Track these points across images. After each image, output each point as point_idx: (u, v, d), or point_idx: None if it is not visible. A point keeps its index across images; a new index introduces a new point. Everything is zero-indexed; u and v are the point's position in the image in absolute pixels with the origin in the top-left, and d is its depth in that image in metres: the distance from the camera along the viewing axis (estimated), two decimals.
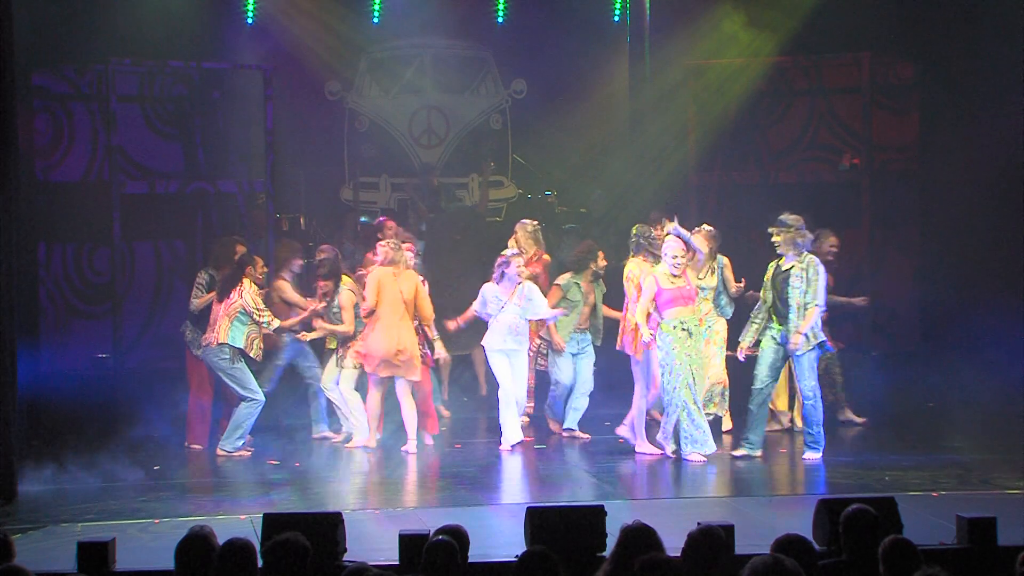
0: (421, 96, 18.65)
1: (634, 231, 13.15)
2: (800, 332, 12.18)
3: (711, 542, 6.74)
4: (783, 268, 12.37)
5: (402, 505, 11.38)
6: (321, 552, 7.23)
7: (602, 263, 13.62)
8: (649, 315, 12.35)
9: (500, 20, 17.97)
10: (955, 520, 8.91)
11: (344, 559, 7.88)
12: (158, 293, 15.17)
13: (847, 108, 16.20)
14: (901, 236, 15.82)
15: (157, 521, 10.81)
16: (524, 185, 18.27)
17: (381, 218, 15.07)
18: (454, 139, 18.78)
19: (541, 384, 14.16)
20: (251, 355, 12.78)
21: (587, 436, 13.43)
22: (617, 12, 17.55)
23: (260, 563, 6.51)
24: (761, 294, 12.60)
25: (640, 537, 6.87)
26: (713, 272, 13.46)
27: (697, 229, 13.27)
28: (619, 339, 12.97)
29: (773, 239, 12.36)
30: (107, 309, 14.71)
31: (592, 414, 13.77)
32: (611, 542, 7.19)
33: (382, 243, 13.23)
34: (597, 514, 8.25)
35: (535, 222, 14.40)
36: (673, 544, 6.82)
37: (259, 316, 12.70)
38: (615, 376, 13.71)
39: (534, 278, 13.52)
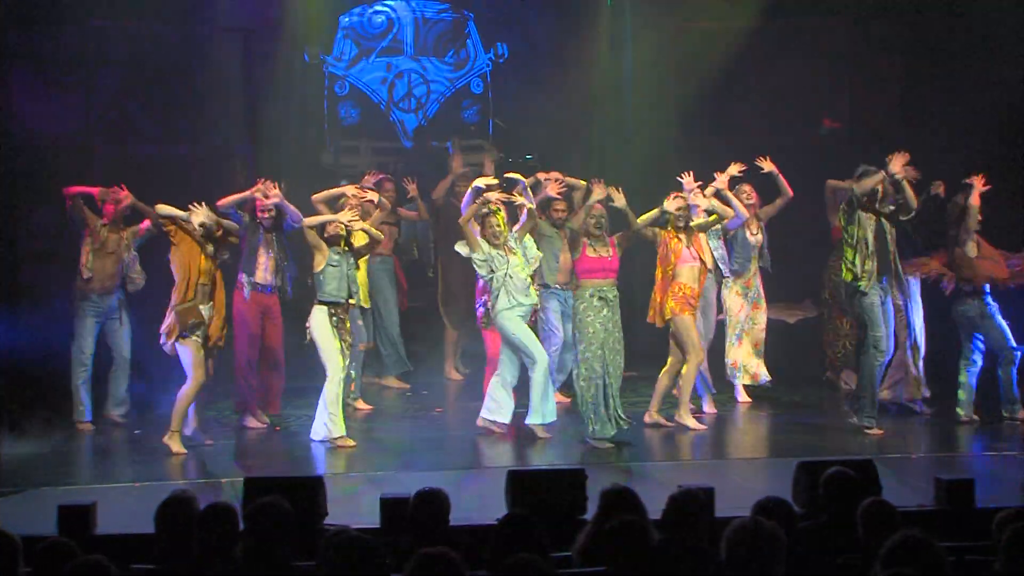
0: (401, 59, 18.60)
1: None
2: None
3: (691, 505, 6.78)
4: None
5: (383, 469, 11.42)
6: (303, 515, 7.25)
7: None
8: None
9: None
10: (933, 482, 8.99)
11: (325, 522, 7.90)
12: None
13: (827, 71, 16.22)
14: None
15: (138, 484, 10.86)
16: (504, 149, 18.25)
17: (381, 175, 14.95)
18: (434, 103, 18.75)
19: None
20: None
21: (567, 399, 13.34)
22: None
23: (242, 526, 6.53)
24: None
25: (620, 500, 6.91)
26: (761, 229, 13.51)
27: (736, 191, 13.29)
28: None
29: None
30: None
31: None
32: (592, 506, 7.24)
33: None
34: (578, 477, 8.28)
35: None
36: (654, 507, 6.86)
37: None
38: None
39: None
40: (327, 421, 11.90)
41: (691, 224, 12.52)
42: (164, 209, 11.90)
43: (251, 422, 12.65)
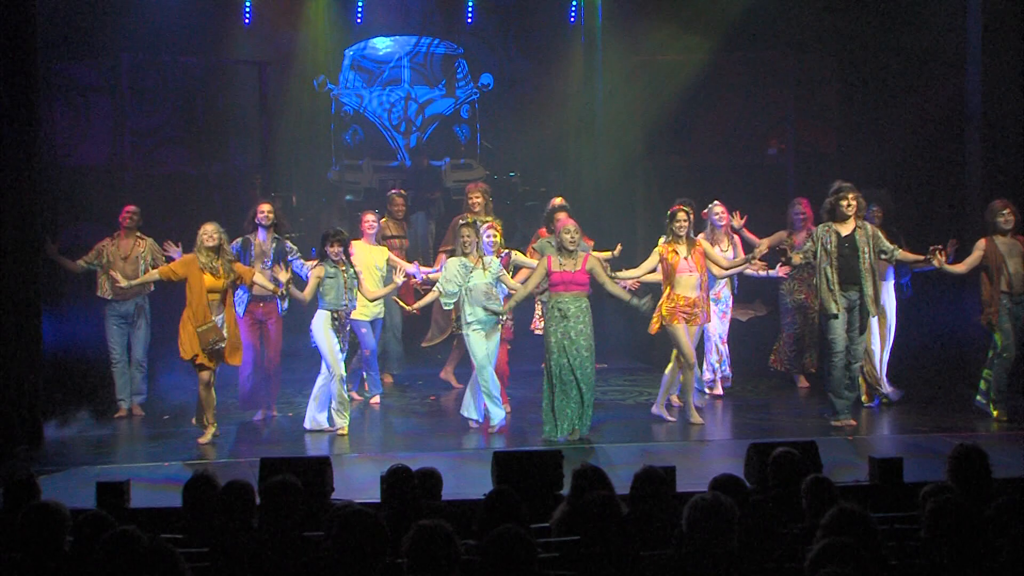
0: (399, 88, 18.59)
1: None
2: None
3: (655, 482, 6.79)
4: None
5: (383, 451, 11.40)
6: (312, 492, 7.25)
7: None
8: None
9: (469, 22, 17.91)
10: (867, 461, 9.01)
11: (332, 498, 7.90)
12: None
13: (774, 99, 16.24)
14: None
15: (167, 464, 10.85)
16: (491, 167, 18.26)
17: (393, 190, 14.85)
18: (428, 127, 18.75)
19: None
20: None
21: None
22: (572, 15, 17.53)
23: (258, 501, 6.53)
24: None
25: (592, 478, 6.92)
26: (731, 245, 13.18)
27: (708, 209, 13.02)
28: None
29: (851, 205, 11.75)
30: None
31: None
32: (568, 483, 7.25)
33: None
34: (556, 458, 8.29)
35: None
36: (622, 484, 6.87)
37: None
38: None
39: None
40: (334, 411, 11.82)
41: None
42: (149, 277, 11.72)
43: (261, 414, 12.57)
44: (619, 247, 12.33)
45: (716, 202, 13.15)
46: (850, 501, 5.83)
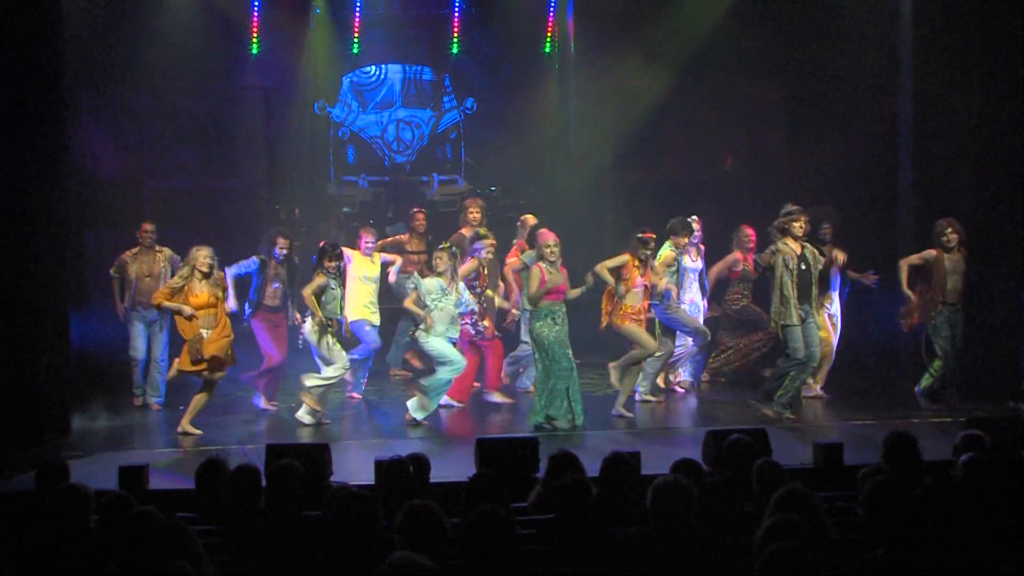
0: (391, 111, 18.58)
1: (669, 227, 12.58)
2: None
3: (622, 466, 6.81)
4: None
5: (377, 438, 11.40)
6: (313, 475, 7.26)
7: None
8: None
9: (455, 51, 17.91)
10: (812, 446, 9.06)
11: (331, 480, 7.91)
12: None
13: (730, 119, 16.27)
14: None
15: (182, 450, 10.84)
16: (474, 182, 18.26)
17: (414, 208, 14.73)
18: (417, 145, 18.75)
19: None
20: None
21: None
22: (548, 45, 17.55)
23: (264, 484, 6.54)
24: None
25: (565, 462, 6.94)
26: (700, 256, 13.12)
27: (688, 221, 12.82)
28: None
29: (803, 227, 11.75)
30: None
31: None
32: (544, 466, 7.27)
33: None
34: (532, 445, 8.32)
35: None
36: (593, 468, 6.89)
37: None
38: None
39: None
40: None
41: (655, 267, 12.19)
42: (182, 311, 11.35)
43: (263, 401, 12.59)
44: (591, 280, 12.11)
45: (694, 217, 13.05)
46: (796, 482, 5.86)
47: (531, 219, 13.29)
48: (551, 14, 17.24)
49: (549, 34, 17.47)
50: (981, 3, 12.69)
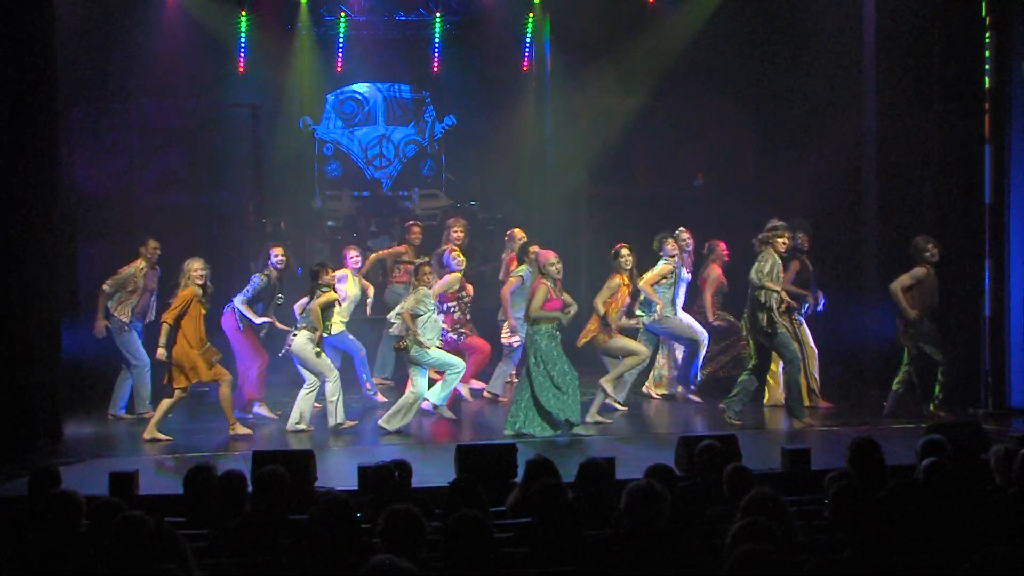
0: (374, 128, 18.59)
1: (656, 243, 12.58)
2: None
3: (597, 471, 6.82)
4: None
5: (360, 444, 11.38)
6: (298, 481, 7.25)
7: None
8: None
9: (435, 70, 17.92)
10: (780, 451, 9.08)
11: (316, 486, 7.89)
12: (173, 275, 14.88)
13: (700, 137, 16.30)
14: (743, 237, 15.72)
15: (171, 456, 10.81)
16: (454, 197, 18.28)
17: (409, 222, 14.71)
18: (399, 161, 18.77)
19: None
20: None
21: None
22: (525, 64, 17.58)
23: (250, 489, 6.52)
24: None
25: (542, 467, 6.95)
26: (689, 268, 13.08)
27: (675, 235, 12.75)
28: None
29: (786, 243, 11.80)
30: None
31: None
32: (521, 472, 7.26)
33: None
34: (510, 451, 8.32)
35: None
36: (568, 473, 6.90)
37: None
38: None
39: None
40: (333, 409, 11.69)
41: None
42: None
43: (266, 411, 12.55)
44: (574, 310, 12.09)
45: (682, 228, 12.98)
46: (765, 486, 5.88)
47: (519, 233, 13.35)
48: (529, 35, 17.26)
49: (527, 52, 17.50)
50: (941, 25, 12.77)
